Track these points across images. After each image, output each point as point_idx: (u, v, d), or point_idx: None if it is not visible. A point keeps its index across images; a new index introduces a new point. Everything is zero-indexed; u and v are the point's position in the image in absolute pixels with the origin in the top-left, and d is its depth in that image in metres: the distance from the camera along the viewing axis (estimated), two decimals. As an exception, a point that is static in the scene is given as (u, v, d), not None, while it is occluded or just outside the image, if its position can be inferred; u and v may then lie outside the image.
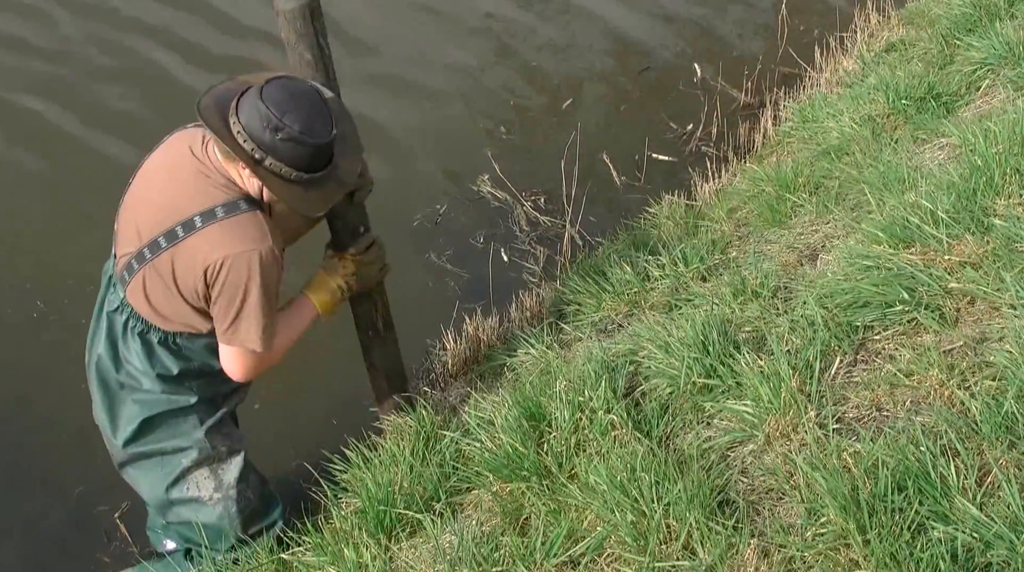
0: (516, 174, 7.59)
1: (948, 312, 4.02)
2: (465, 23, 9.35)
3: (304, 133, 3.80)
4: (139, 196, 4.15)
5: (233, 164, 3.94)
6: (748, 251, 5.39)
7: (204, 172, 3.99)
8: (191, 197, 3.96)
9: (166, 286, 4.06)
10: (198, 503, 4.46)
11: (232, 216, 3.93)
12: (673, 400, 4.16)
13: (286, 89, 3.84)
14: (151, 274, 4.07)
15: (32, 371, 6.20)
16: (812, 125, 6.86)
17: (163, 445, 4.38)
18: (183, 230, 3.95)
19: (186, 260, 3.97)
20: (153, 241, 4.01)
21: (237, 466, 4.49)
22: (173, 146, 4.15)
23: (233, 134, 3.80)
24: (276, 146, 3.79)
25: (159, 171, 4.13)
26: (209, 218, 3.92)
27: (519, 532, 3.89)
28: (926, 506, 3.23)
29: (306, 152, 3.84)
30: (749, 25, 9.49)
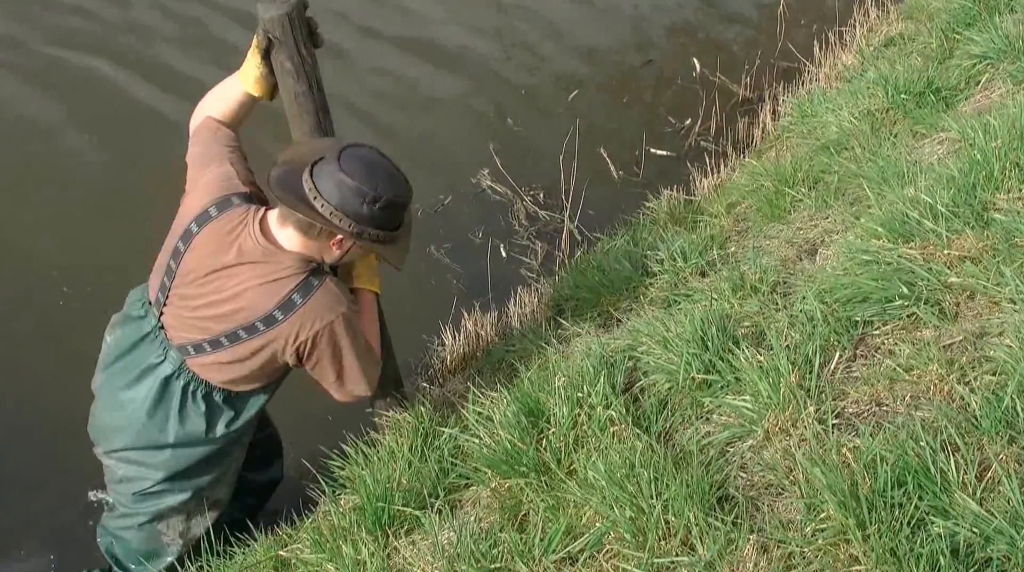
0: (516, 168, 7.61)
1: (948, 307, 4.01)
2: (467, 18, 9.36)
3: (397, 197, 3.93)
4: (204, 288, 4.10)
5: (314, 241, 3.98)
6: (747, 246, 5.39)
7: (270, 258, 3.99)
8: (265, 291, 3.99)
9: (248, 365, 4.14)
10: (155, 537, 4.56)
11: (310, 297, 3.97)
12: (672, 396, 4.15)
13: (363, 159, 3.92)
14: (227, 357, 4.12)
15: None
16: (811, 120, 6.86)
17: (164, 482, 4.42)
18: (263, 325, 4.00)
19: (273, 346, 4.05)
20: (231, 332, 4.05)
21: (207, 524, 4.57)
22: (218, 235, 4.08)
23: (326, 215, 3.85)
24: (375, 215, 3.88)
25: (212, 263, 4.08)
26: (289, 309, 3.97)
27: (518, 528, 3.88)
28: (926, 501, 3.22)
29: (399, 213, 4.00)
30: (748, 20, 9.50)
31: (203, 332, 4.11)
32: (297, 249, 3.99)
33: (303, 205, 3.86)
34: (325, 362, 4.09)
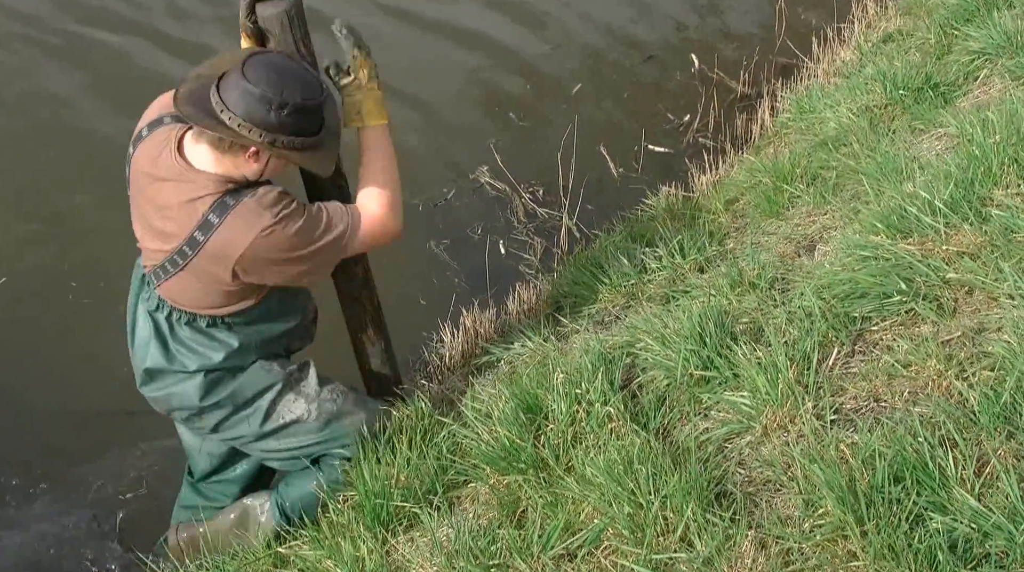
0: (515, 165, 7.60)
1: (946, 302, 4.01)
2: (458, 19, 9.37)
3: (306, 99, 3.82)
4: (141, 203, 4.11)
5: (227, 157, 3.89)
6: (745, 242, 5.39)
7: (185, 178, 3.93)
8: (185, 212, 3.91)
9: (207, 283, 4.07)
10: (299, 423, 4.44)
11: (226, 216, 3.87)
12: (670, 392, 4.15)
13: (267, 65, 3.82)
14: (183, 279, 4.07)
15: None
16: (809, 116, 6.86)
17: (242, 391, 4.37)
18: (189, 248, 3.93)
19: (208, 268, 3.98)
20: (178, 250, 3.98)
21: (311, 375, 4.49)
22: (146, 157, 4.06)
23: (234, 127, 3.77)
24: (284, 122, 3.79)
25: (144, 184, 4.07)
26: (207, 229, 3.88)
27: (516, 525, 3.88)
28: (924, 497, 3.22)
29: (310, 117, 3.87)
30: (746, 16, 9.50)
31: (156, 255, 4.07)
32: (212, 168, 3.91)
33: (210, 119, 3.79)
34: (274, 272, 4.04)
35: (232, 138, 3.80)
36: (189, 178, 3.91)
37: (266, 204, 3.89)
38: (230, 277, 3.98)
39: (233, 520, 4.70)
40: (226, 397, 4.33)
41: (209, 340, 4.25)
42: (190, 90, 3.88)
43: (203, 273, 4.01)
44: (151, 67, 8.55)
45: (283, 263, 3.99)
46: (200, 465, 4.81)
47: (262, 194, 3.91)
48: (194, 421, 4.44)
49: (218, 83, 3.83)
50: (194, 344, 4.25)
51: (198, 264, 3.96)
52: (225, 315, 4.21)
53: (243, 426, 4.41)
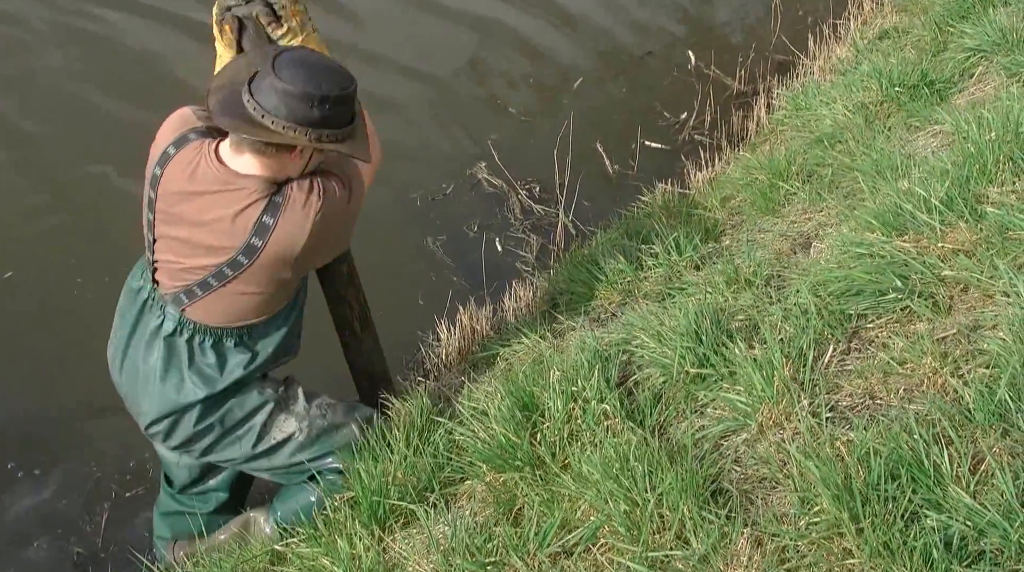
0: (511, 162, 7.60)
1: (941, 300, 4.01)
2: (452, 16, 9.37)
3: (344, 88, 3.80)
4: (172, 223, 4.06)
5: (273, 160, 3.87)
6: (741, 239, 5.39)
7: (230, 187, 3.90)
8: (236, 223, 3.90)
9: (258, 288, 4.07)
10: (290, 441, 4.45)
11: (280, 214, 3.87)
12: (666, 389, 4.15)
13: (296, 62, 3.78)
14: (230, 291, 4.06)
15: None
16: (805, 113, 6.87)
17: (233, 414, 4.36)
18: (246, 257, 3.93)
19: (268, 271, 4.00)
20: (217, 272, 3.99)
21: (298, 393, 4.51)
22: (179, 172, 4.01)
23: (279, 130, 3.74)
24: (327, 116, 3.77)
25: (180, 203, 4.02)
26: (264, 233, 3.88)
27: (512, 522, 3.88)
28: (919, 494, 3.23)
29: (349, 106, 3.86)
30: (742, 12, 9.52)
31: (191, 274, 4.06)
32: (257, 173, 3.89)
33: (253, 127, 3.76)
34: (332, 246, 4.16)
35: (279, 141, 3.77)
36: (238, 186, 3.88)
37: (307, 189, 3.90)
38: (291, 271, 4.02)
39: (235, 534, 4.73)
40: (216, 421, 4.34)
41: (226, 364, 4.25)
42: (220, 101, 3.84)
43: (260, 277, 4.01)
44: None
45: (340, 231, 4.09)
46: (179, 478, 4.82)
47: (298, 184, 3.92)
48: (184, 447, 4.45)
49: (249, 88, 3.80)
50: (211, 370, 4.23)
51: (256, 270, 3.97)
52: (259, 325, 4.23)
53: (234, 448, 4.42)
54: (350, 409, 4.60)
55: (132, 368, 4.34)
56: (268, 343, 4.30)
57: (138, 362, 4.31)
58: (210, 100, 3.86)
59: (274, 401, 4.40)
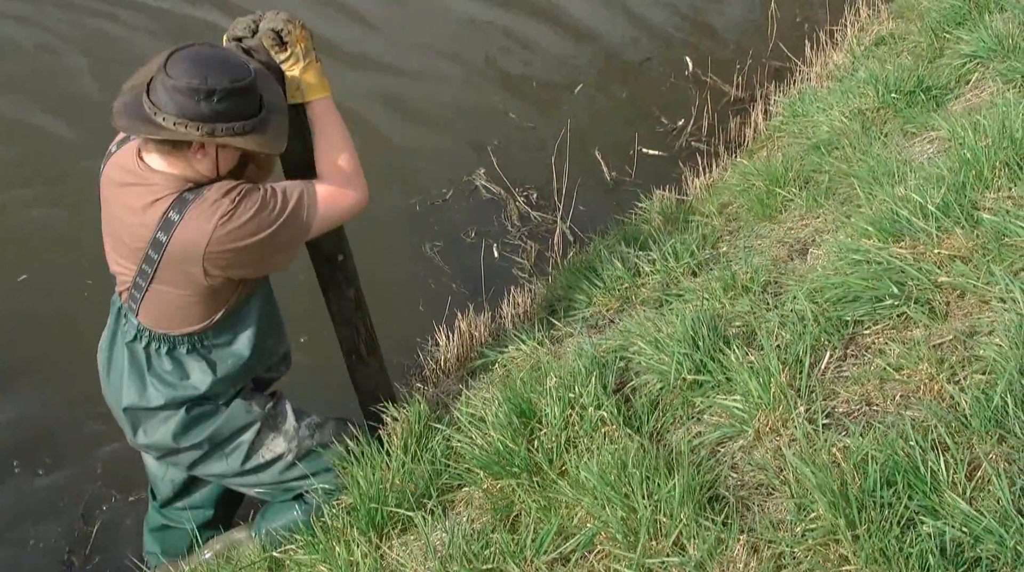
0: (509, 168, 7.61)
1: (938, 306, 4.02)
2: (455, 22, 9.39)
3: (234, 82, 3.74)
4: (110, 219, 4.12)
5: (176, 157, 3.86)
6: (738, 246, 5.39)
7: (144, 181, 3.91)
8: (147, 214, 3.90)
9: (181, 289, 4.05)
10: (279, 460, 4.49)
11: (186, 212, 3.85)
12: (663, 396, 4.16)
13: (187, 57, 3.76)
14: (158, 291, 4.06)
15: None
16: (802, 119, 6.87)
17: (218, 432, 4.38)
18: (154, 251, 3.92)
19: (180, 269, 3.96)
20: (145, 257, 3.97)
21: (287, 411, 4.53)
22: (113, 168, 4.07)
23: (170, 127, 3.73)
24: (218, 110, 3.73)
25: (111, 198, 4.08)
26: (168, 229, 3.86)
27: (510, 529, 3.89)
28: (916, 501, 3.23)
29: (244, 99, 3.80)
30: (739, 19, 9.54)
31: (127, 274, 4.09)
32: (167, 170, 3.88)
33: (147, 125, 3.75)
34: (243, 260, 4.00)
35: (167, 137, 3.76)
36: (151, 181, 3.89)
37: (223, 192, 3.87)
38: (202, 274, 3.95)
39: (219, 552, 4.74)
40: (204, 438, 4.36)
41: (185, 372, 4.26)
42: (124, 103, 3.84)
43: (174, 277, 3.99)
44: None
45: (250, 248, 3.93)
46: (162, 492, 4.84)
47: (219, 186, 3.89)
48: (169, 458, 4.47)
49: (147, 87, 3.79)
50: (171, 377, 4.25)
51: (167, 267, 3.95)
52: (204, 332, 4.21)
53: (220, 465, 4.45)
54: (339, 428, 4.61)
55: (112, 374, 4.39)
56: (228, 354, 4.30)
57: (114, 368, 4.36)
58: (115, 102, 3.86)
59: (261, 420, 4.42)
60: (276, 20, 4.05)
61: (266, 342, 4.39)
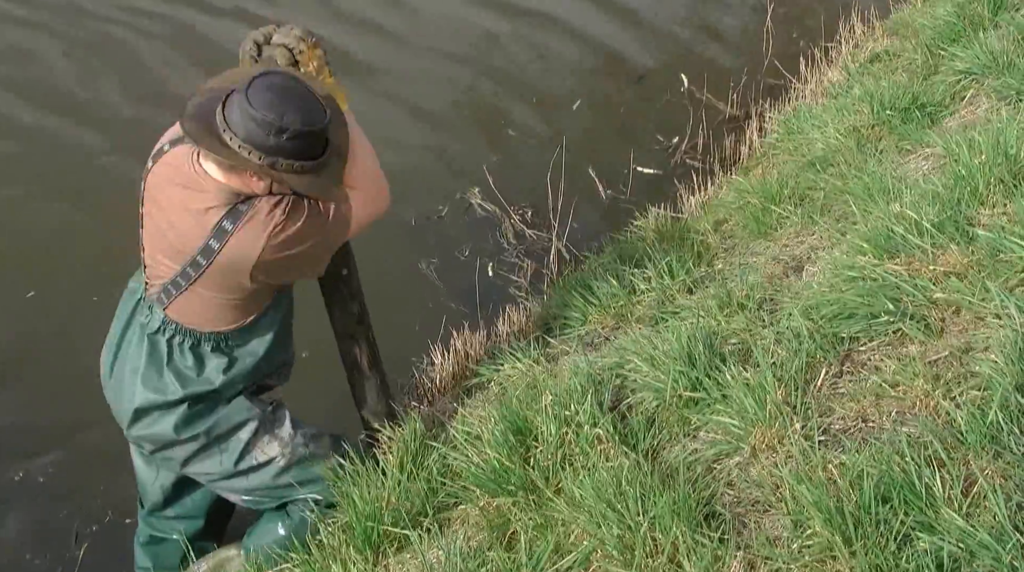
0: (504, 186, 7.62)
1: (933, 322, 4.01)
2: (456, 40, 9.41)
3: (306, 125, 3.77)
4: (155, 215, 4.11)
5: (235, 175, 3.89)
6: (734, 263, 5.40)
7: (199, 186, 3.94)
8: (197, 220, 3.93)
9: (222, 293, 4.10)
10: (270, 464, 4.49)
11: (240, 224, 3.89)
12: (659, 413, 4.15)
13: (271, 88, 3.78)
14: (197, 292, 4.09)
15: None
16: (797, 136, 6.88)
17: (218, 426, 4.39)
18: (204, 258, 3.96)
19: (226, 275, 4.01)
20: (192, 261, 4.00)
21: (285, 417, 4.55)
22: (167, 166, 4.06)
23: (235, 149, 3.76)
24: (284, 147, 3.76)
25: (160, 196, 4.07)
26: (222, 237, 3.90)
27: (506, 547, 3.88)
28: (912, 517, 3.22)
29: (312, 142, 3.84)
30: (734, 37, 9.55)
31: (166, 272, 4.11)
32: (223, 181, 3.91)
33: (212, 138, 3.78)
34: (293, 267, 4.10)
35: (231, 160, 3.78)
36: (205, 187, 3.92)
37: (273, 204, 3.91)
38: (249, 281, 4.01)
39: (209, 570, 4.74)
40: (203, 431, 4.36)
41: (204, 367, 4.28)
42: (198, 104, 3.88)
43: (219, 282, 4.04)
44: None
45: (298, 257, 4.02)
46: (152, 498, 4.82)
47: (269, 198, 3.93)
48: (165, 452, 4.45)
49: (224, 101, 3.82)
50: (189, 372, 4.26)
51: (213, 273, 3.99)
52: (233, 331, 4.24)
53: (214, 462, 4.45)
54: (333, 442, 4.63)
55: (120, 367, 4.39)
56: (247, 353, 4.33)
57: (126, 360, 4.35)
58: (190, 100, 3.91)
59: (259, 420, 4.43)
60: (289, 37, 4.09)
61: (278, 346, 4.42)
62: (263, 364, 4.39)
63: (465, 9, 9.83)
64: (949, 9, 7.33)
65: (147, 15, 9.57)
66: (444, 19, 9.74)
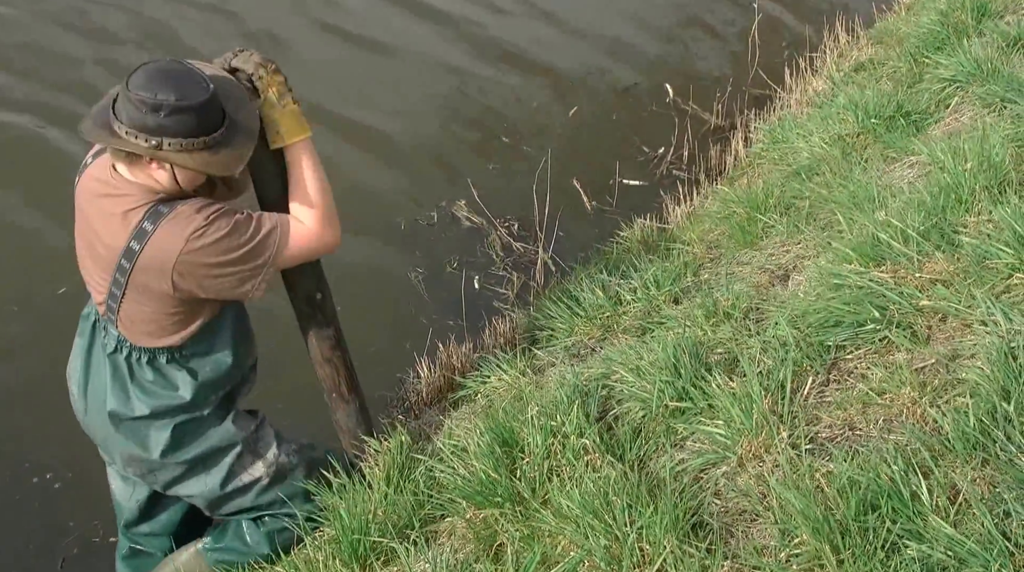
0: (490, 199, 7.62)
1: (919, 330, 4.01)
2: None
3: (181, 99, 3.73)
4: (85, 230, 4.11)
5: (137, 167, 3.87)
6: (720, 273, 5.40)
7: (118, 190, 3.92)
8: (120, 223, 3.90)
9: (153, 303, 4.05)
10: (256, 484, 4.47)
11: (159, 223, 3.86)
12: (646, 423, 4.14)
13: (148, 71, 3.77)
14: (132, 302, 4.05)
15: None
16: (782, 146, 6.89)
17: (202, 450, 4.37)
18: (127, 260, 3.92)
19: (150, 280, 3.96)
20: (118, 267, 3.96)
21: (269, 435, 4.52)
22: (89, 179, 4.07)
23: (122, 135, 3.74)
24: (164, 124, 3.72)
25: (87, 208, 4.07)
26: (142, 238, 3.87)
27: (493, 559, 3.87)
28: (899, 525, 3.22)
29: (193, 116, 3.77)
30: (719, 47, 9.56)
31: (102, 284, 4.08)
32: (133, 179, 3.89)
33: (104, 131, 3.79)
34: (212, 279, 3.99)
35: (121, 146, 3.77)
36: (123, 190, 3.90)
37: (197, 208, 3.89)
38: (171, 287, 3.95)
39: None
40: (188, 457, 4.35)
41: (169, 381, 4.25)
42: (96, 110, 3.87)
43: (146, 289, 3.99)
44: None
45: (219, 267, 3.94)
46: (127, 515, 4.79)
47: (194, 201, 3.92)
48: (147, 477, 4.44)
49: (115, 97, 3.81)
50: (153, 386, 4.24)
51: (138, 278, 3.95)
52: (181, 345, 4.21)
53: (198, 484, 4.43)
54: (315, 459, 4.62)
55: (93, 395, 4.35)
56: (205, 362, 4.29)
57: (93, 379, 4.34)
58: (94, 107, 3.89)
59: (243, 442, 4.40)
60: (248, 63, 4.06)
61: (240, 351, 4.39)
62: (231, 371, 4.36)
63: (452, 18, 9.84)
64: (933, 17, 7.35)
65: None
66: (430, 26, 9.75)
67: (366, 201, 7.41)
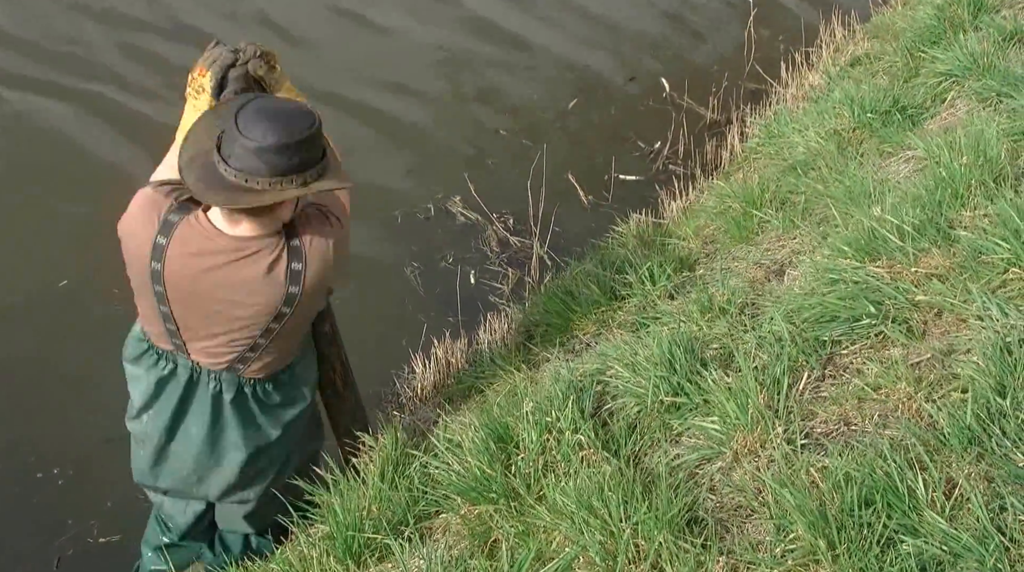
0: (486, 194, 7.61)
1: (915, 325, 4.01)
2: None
3: (310, 126, 3.68)
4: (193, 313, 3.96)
5: (267, 217, 3.78)
6: (715, 268, 5.39)
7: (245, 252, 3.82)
8: (268, 282, 3.85)
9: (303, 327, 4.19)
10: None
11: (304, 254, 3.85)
12: (641, 419, 4.13)
13: (258, 115, 3.64)
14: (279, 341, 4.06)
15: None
16: (778, 141, 6.88)
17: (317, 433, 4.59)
18: (287, 306, 3.90)
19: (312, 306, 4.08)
20: (264, 331, 3.95)
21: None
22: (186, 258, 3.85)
23: (267, 189, 3.64)
24: (305, 159, 3.67)
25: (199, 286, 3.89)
26: (297, 279, 3.85)
27: (488, 555, 3.85)
28: (895, 520, 3.21)
29: (320, 139, 3.74)
30: (715, 42, 9.55)
31: (236, 345, 4.01)
32: (260, 233, 3.79)
33: (244, 194, 3.64)
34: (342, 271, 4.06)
35: (275, 200, 3.67)
36: (252, 248, 3.81)
37: (316, 222, 3.92)
38: (324, 300, 4.14)
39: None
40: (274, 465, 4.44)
41: (291, 393, 4.31)
42: (199, 177, 3.70)
43: (305, 318, 4.09)
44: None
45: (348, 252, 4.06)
46: (184, 527, 4.70)
47: (304, 222, 3.91)
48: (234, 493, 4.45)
49: (219, 153, 3.68)
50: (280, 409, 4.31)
51: (300, 313, 3.98)
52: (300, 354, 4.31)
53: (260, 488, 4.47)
54: None
55: (191, 443, 4.28)
56: (308, 362, 4.39)
57: (201, 434, 4.25)
58: (187, 177, 3.72)
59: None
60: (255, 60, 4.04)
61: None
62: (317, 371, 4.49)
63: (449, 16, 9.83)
64: (929, 12, 7.35)
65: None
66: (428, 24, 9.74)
67: (361, 195, 7.36)
